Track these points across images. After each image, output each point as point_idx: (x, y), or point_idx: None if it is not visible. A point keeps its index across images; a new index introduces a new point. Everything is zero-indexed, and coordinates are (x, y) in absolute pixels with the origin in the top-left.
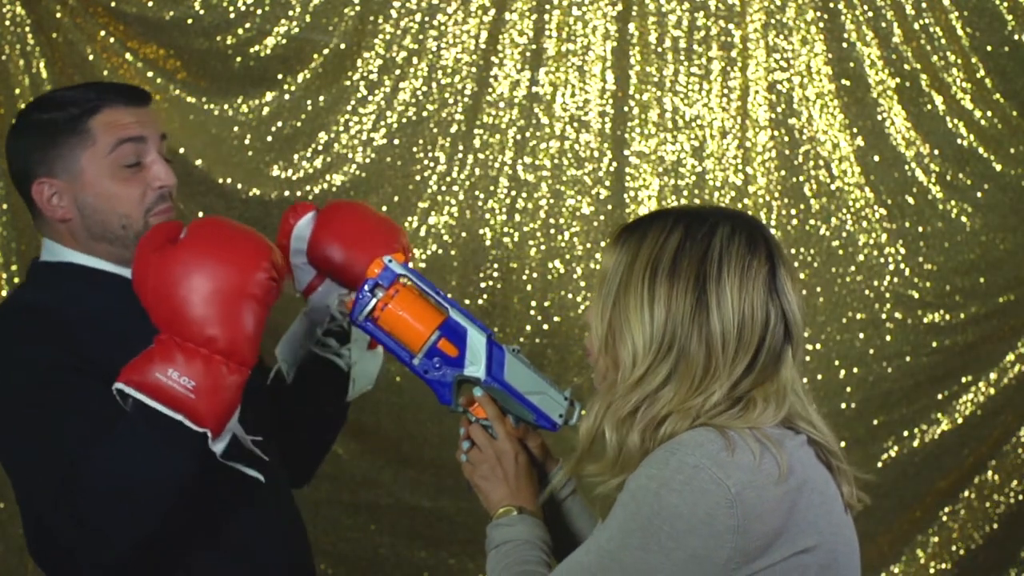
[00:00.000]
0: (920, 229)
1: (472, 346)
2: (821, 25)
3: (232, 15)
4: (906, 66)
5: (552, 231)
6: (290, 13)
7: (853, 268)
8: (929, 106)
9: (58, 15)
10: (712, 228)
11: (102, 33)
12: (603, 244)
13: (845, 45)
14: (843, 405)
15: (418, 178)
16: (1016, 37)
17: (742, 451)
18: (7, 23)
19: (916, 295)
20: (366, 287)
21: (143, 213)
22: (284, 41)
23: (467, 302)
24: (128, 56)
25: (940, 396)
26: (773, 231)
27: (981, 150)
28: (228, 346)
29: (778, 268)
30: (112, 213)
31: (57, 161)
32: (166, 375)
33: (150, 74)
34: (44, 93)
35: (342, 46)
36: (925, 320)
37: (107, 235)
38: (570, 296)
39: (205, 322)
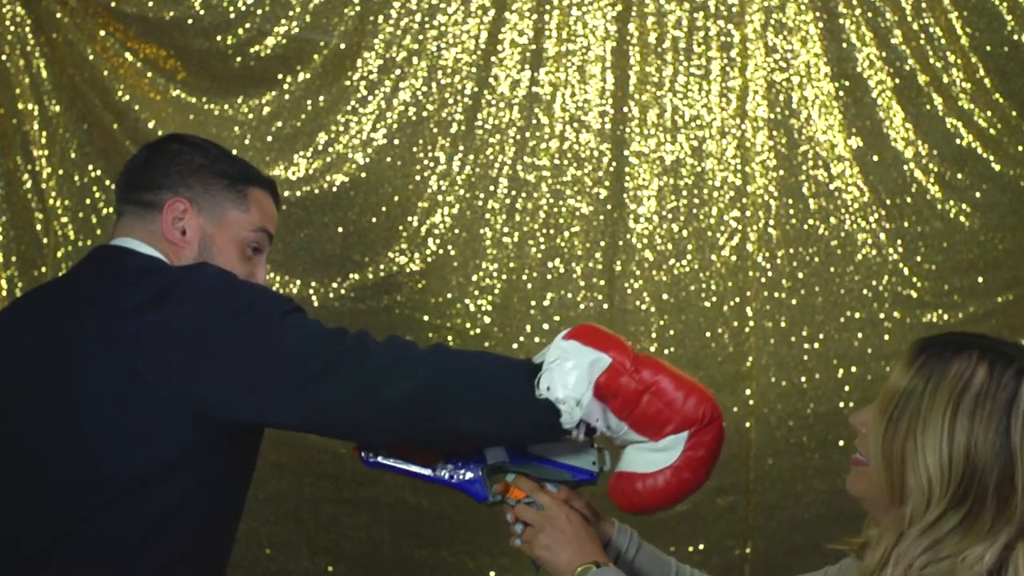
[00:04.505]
0: (919, 229)
1: None
2: (820, 25)
3: (232, 15)
4: (905, 66)
5: (552, 231)
6: (290, 13)
7: (852, 268)
8: (928, 106)
9: (58, 15)
10: (1019, 373)
11: (102, 33)
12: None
13: (844, 45)
14: (841, 404)
15: (418, 178)
16: (1016, 37)
17: None
18: (7, 23)
19: (915, 295)
20: None
21: None
22: (284, 41)
23: (467, 302)
24: (128, 56)
25: None
26: (771, 231)
27: (980, 150)
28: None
29: None
30: None
31: (205, 198)
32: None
33: (150, 74)
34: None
35: (342, 46)
36: (924, 320)
37: None
38: (570, 296)
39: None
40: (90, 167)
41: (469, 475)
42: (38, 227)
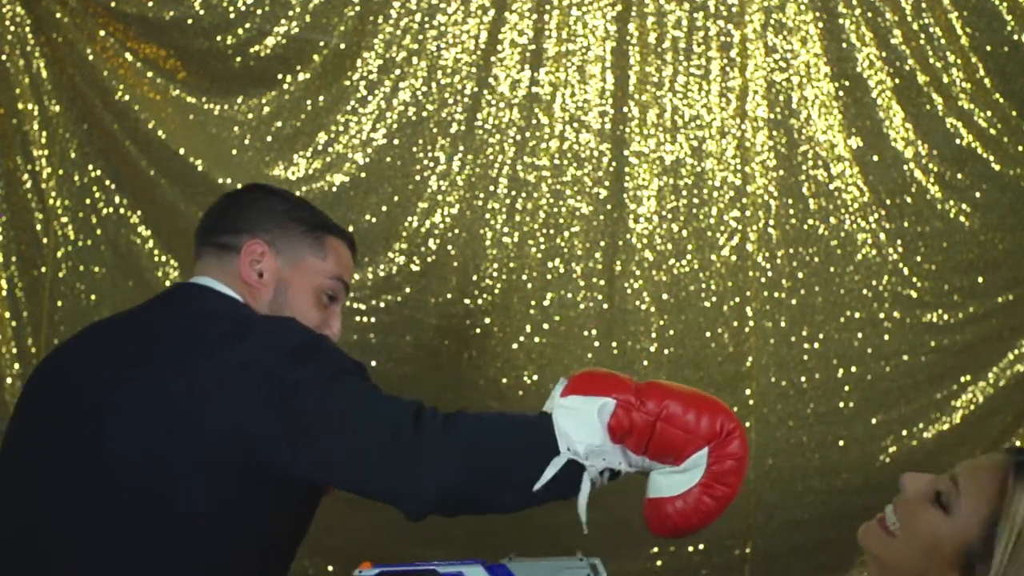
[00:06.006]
0: (919, 229)
1: None
2: (820, 25)
3: (232, 15)
4: (905, 66)
5: (552, 231)
6: (290, 13)
7: (851, 267)
8: (928, 106)
9: (58, 15)
10: None
11: (102, 33)
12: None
13: (844, 45)
14: (841, 404)
15: (418, 178)
16: (1016, 37)
17: None
18: (7, 23)
19: (914, 295)
20: None
21: None
22: (284, 41)
23: (467, 302)
24: (128, 56)
25: (939, 395)
26: (771, 231)
27: (980, 150)
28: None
29: None
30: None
31: (284, 242)
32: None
33: (150, 74)
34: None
35: (342, 46)
36: (923, 320)
37: None
38: (570, 296)
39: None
40: (90, 167)
41: None
42: (38, 227)
